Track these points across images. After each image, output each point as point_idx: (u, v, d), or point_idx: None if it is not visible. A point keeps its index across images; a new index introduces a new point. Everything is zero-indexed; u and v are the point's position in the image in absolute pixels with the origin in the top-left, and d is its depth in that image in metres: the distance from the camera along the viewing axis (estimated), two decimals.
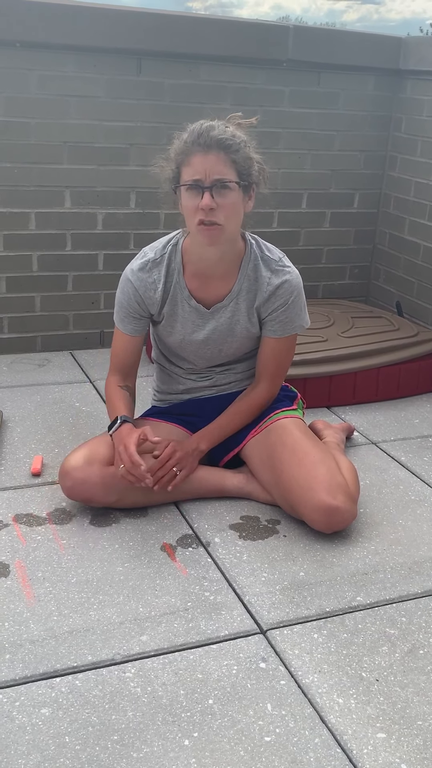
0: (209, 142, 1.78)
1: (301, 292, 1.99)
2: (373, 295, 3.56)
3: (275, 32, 3.00)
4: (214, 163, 1.78)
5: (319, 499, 1.86)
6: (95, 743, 1.32)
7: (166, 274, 1.96)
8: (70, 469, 1.91)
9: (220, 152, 1.78)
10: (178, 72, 2.91)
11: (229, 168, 1.79)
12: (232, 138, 1.79)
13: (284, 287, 1.95)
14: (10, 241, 2.89)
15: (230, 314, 1.98)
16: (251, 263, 1.96)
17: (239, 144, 1.80)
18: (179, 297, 1.98)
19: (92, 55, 2.78)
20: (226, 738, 1.35)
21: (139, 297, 1.97)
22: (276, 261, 1.97)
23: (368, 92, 3.26)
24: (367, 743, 1.36)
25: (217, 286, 1.97)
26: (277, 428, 2.02)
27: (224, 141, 1.78)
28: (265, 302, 1.96)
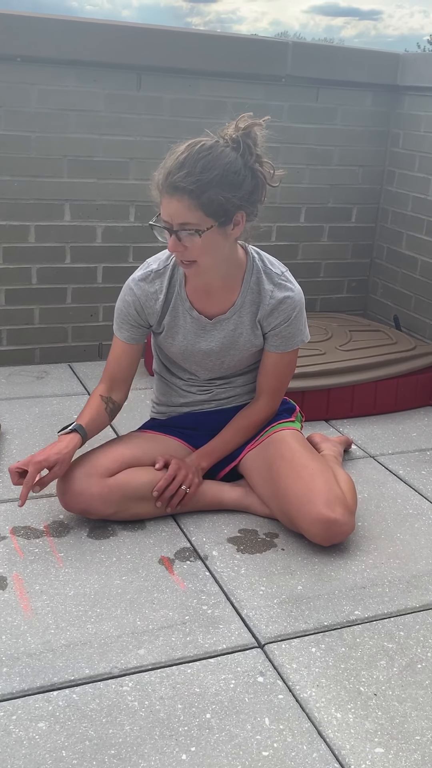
0: (173, 186, 1.72)
1: (302, 308, 1.99)
2: (370, 308, 3.57)
3: (274, 48, 3.02)
4: (177, 208, 1.73)
5: (318, 512, 1.86)
6: (92, 757, 1.32)
7: (168, 285, 1.96)
8: (68, 482, 1.91)
9: (183, 196, 1.72)
10: (177, 87, 2.93)
11: (194, 212, 1.73)
12: (198, 180, 1.70)
13: (287, 302, 1.95)
14: (10, 253, 2.90)
15: (233, 327, 1.98)
16: (254, 276, 1.95)
17: (207, 184, 1.71)
18: (180, 308, 1.98)
19: (92, 70, 2.80)
20: (224, 752, 1.34)
21: (140, 306, 1.97)
22: (278, 275, 1.97)
23: (366, 108, 3.28)
24: (365, 758, 1.35)
25: (219, 299, 1.97)
26: (275, 441, 2.02)
27: (186, 187, 1.71)
28: (268, 316, 1.96)
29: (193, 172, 1.71)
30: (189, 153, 1.73)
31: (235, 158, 1.75)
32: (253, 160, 1.77)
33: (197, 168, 1.71)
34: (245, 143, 1.76)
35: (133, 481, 1.94)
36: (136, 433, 2.15)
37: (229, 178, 1.73)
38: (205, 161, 1.72)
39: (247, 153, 1.76)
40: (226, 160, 1.74)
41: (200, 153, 1.73)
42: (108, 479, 1.92)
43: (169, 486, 1.95)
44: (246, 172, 1.76)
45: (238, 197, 1.76)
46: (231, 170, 1.74)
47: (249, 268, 1.96)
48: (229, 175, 1.73)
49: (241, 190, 1.76)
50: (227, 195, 1.73)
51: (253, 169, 1.78)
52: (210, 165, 1.72)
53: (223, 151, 1.75)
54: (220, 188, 1.72)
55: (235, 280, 1.95)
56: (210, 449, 2.05)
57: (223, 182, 1.73)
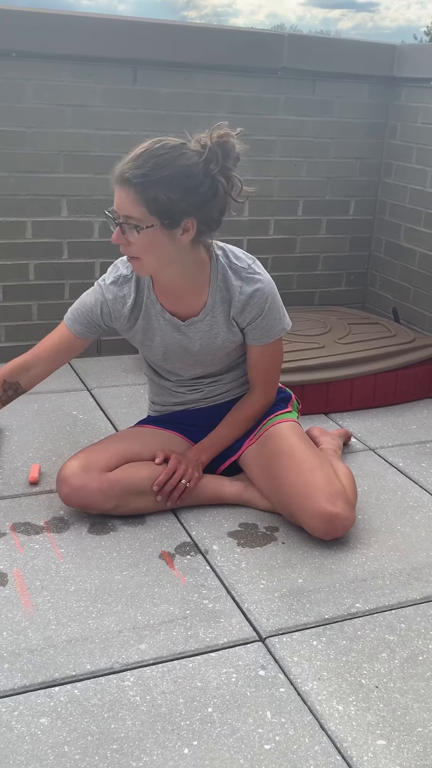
0: (122, 177, 1.69)
1: (275, 296, 1.94)
2: (369, 301, 3.57)
3: (270, 41, 3.01)
4: (123, 200, 1.70)
5: (319, 506, 1.86)
6: (94, 752, 1.32)
7: (137, 290, 1.93)
8: (67, 476, 1.91)
9: (129, 189, 1.68)
10: (173, 81, 2.92)
11: (137, 207, 1.69)
12: (147, 175, 1.66)
13: (257, 296, 1.90)
14: (7, 249, 2.89)
15: (208, 327, 1.95)
16: (220, 275, 1.90)
17: (155, 181, 1.67)
18: (152, 312, 1.94)
19: (88, 65, 2.79)
20: (226, 746, 1.35)
21: (107, 309, 1.94)
22: (245, 269, 1.91)
23: (363, 100, 3.27)
24: (367, 750, 1.35)
25: (189, 301, 1.93)
26: (273, 436, 2.02)
27: (132, 180, 1.67)
28: (241, 312, 1.92)
29: (144, 166, 1.68)
30: (148, 148, 1.70)
31: (195, 163, 1.69)
32: (216, 170, 1.70)
33: (149, 164, 1.68)
34: (213, 150, 1.70)
35: (133, 476, 1.94)
36: (135, 428, 2.15)
37: (181, 181, 1.69)
38: (161, 159, 1.68)
39: (212, 161, 1.70)
40: (184, 162, 1.69)
41: (159, 150, 1.69)
42: (108, 474, 1.92)
43: (170, 480, 1.95)
44: (204, 179, 1.70)
45: (188, 202, 1.70)
46: (186, 173, 1.69)
47: (214, 268, 1.90)
48: (182, 178, 1.69)
49: (193, 197, 1.71)
50: (173, 197, 1.69)
51: (214, 179, 1.71)
52: (164, 163, 1.68)
53: (185, 153, 1.70)
54: (167, 189, 1.68)
55: (202, 281, 1.90)
56: (208, 443, 2.05)
57: (172, 183, 1.68)
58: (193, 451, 2.03)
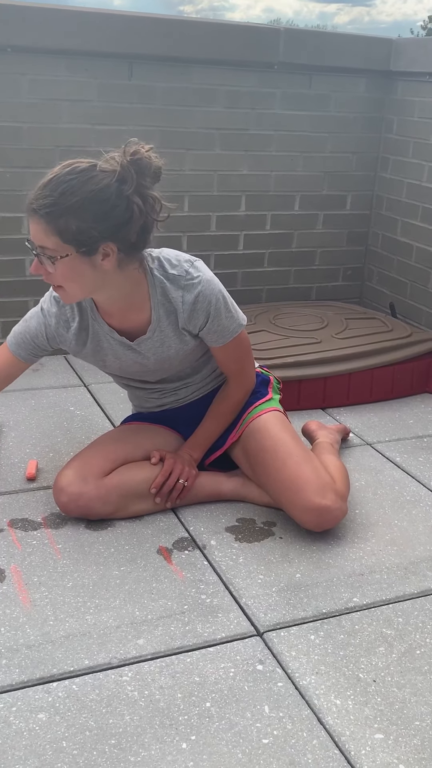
0: (31, 208, 1.62)
1: (218, 296, 1.82)
2: (366, 296, 3.57)
3: (266, 35, 3.00)
4: (36, 230, 1.63)
5: (308, 499, 1.86)
6: (93, 748, 1.32)
7: (80, 312, 1.87)
8: (64, 486, 1.90)
9: (40, 220, 1.61)
10: (169, 75, 2.91)
11: (50, 237, 1.61)
12: (54, 204, 1.58)
13: (200, 300, 1.80)
14: (3, 245, 2.88)
15: (159, 343, 1.87)
16: (158, 288, 1.80)
17: (64, 210, 1.58)
18: (101, 333, 1.88)
19: (84, 59, 2.78)
20: (224, 740, 1.35)
21: (52, 332, 1.88)
22: (183, 276, 1.80)
23: (360, 94, 3.27)
24: (365, 744, 1.36)
25: (134, 319, 1.84)
26: (255, 432, 1.99)
27: (40, 210, 1.60)
28: (189, 320, 1.83)
29: (52, 195, 1.59)
30: (57, 175, 1.62)
31: (107, 186, 1.60)
32: (130, 190, 1.60)
33: (57, 192, 1.59)
34: (126, 170, 1.61)
35: (130, 480, 1.94)
36: (124, 427, 2.14)
37: (92, 207, 1.60)
38: (68, 185, 1.59)
39: (125, 181, 1.61)
40: (95, 186, 1.60)
41: (68, 176, 1.61)
42: (104, 480, 1.91)
43: (167, 481, 1.95)
44: (118, 201, 1.61)
45: (100, 228, 1.61)
46: (97, 198, 1.60)
47: (151, 283, 1.80)
48: (93, 203, 1.60)
49: (107, 221, 1.61)
50: (84, 225, 1.60)
51: (129, 200, 1.61)
52: (72, 189, 1.59)
53: (95, 176, 1.61)
54: (77, 216, 1.59)
55: (142, 298, 1.81)
56: (197, 440, 2.03)
57: (82, 210, 1.59)
58: (185, 450, 2.03)
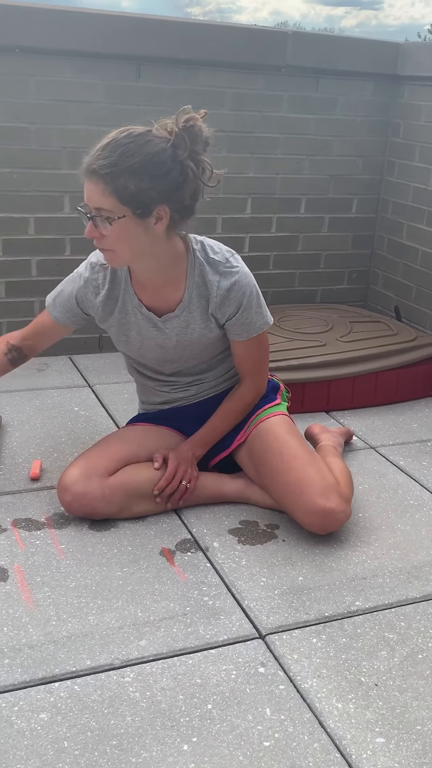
0: (90, 169, 1.68)
1: (253, 290, 1.90)
2: (371, 299, 3.57)
3: (274, 38, 3.01)
4: (93, 192, 1.69)
5: (313, 502, 1.86)
6: (94, 748, 1.32)
7: (112, 281, 1.92)
8: (68, 484, 1.90)
9: (98, 181, 1.67)
10: (177, 77, 2.92)
11: (107, 198, 1.67)
12: (114, 165, 1.65)
13: (234, 290, 1.87)
14: (10, 245, 2.89)
15: (184, 324, 1.92)
16: (197, 269, 1.87)
17: (123, 171, 1.65)
18: (129, 306, 1.93)
19: (91, 61, 2.79)
20: (225, 743, 1.35)
21: (81, 294, 1.95)
22: (222, 263, 1.87)
23: (366, 98, 3.27)
24: (366, 748, 1.35)
25: (166, 296, 1.91)
26: (261, 434, 2.00)
27: (99, 171, 1.66)
28: (219, 307, 1.90)
29: (112, 156, 1.66)
30: (115, 137, 1.69)
31: (162, 149, 1.68)
32: (184, 155, 1.68)
33: (116, 153, 1.66)
34: (179, 136, 1.68)
35: (134, 480, 1.94)
36: (128, 428, 2.14)
37: (150, 169, 1.67)
38: (127, 148, 1.66)
39: (180, 146, 1.68)
40: (151, 150, 1.67)
41: (125, 139, 1.68)
42: (109, 479, 1.91)
43: (170, 484, 1.95)
44: (173, 165, 1.68)
45: (158, 190, 1.68)
46: (154, 161, 1.67)
47: (191, 262, 1.87)
48: (150, 165, 1.67)
49: (163, 183, 1.68)
50: (143, 185, 1.67)
51: (183, 164, 1.69)
52: (131, 152, 1.66)
53: (152, 140, 1.68)
54: (136, 177, 1.66)
55: (179, 275, 1.88)
56: (201, 438, 2.03)
57: (141, 171, 1.66)
58: (187, 446, 2.02)
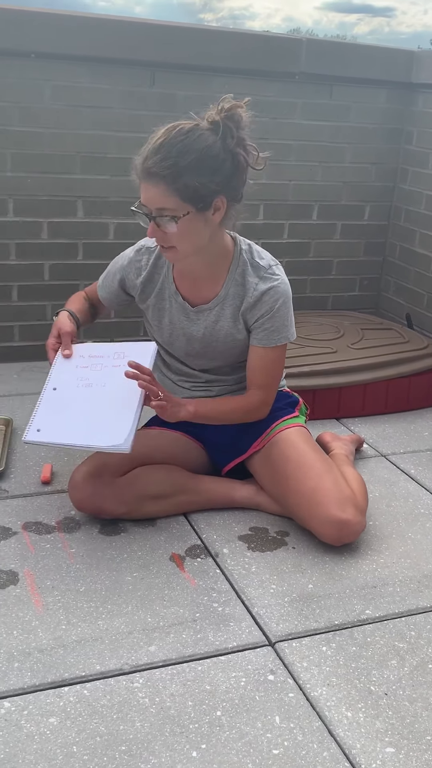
0: (148, 171, 1.71)
1: (287, 301, 1.92)
2: (383, 307, 3.56)
3: (288, 45, 3.01)
4: (154, 194, 1.72)
5: (329, 513, 1.86)
6: (103, 753, 1.32)
7: (155, 265, 1.97)
8: (79, 482, 1.91)
9: (159, 183, 1.70)
10: (190, 84, 2.93)
11: (169, 198, 1.71)
12: (173, 165, 1.68)
13: (270, 293, 1.90)
14: (23, 250, 2.90)
15: (215, 318, 1.95)
16: (239, 268, 1.92)
17: (183, 169, 1.68)
18: (167, 292, 1.98)
19: (106, 67, 2.80)
20: (234, 750, 1.35)
21: (123, 274, 2.02)
22: (266, 268, 1.92)
23: (380, 105, 3.27)
24: (376, 758, 1.35)
25: (205, 288, 1.95)
26: (279, 442, 2.00)
27: (160, 173, 1.69)
28: (251, 308, 1.91)
29: (168, 156, 1.68)
30: (166, 137, 1.71)
31: (213, 141, 1.71)
32: (234, 143, 1.73)
33: (173, 153, 1.68)
34: (226, 125, 1.72)
35: (145, 480, 1.94)
36: (143, 431, 2.14)
37: (207, 163, 1.70)
38: (182, 145, 1.69)
39: (228, 136, 1.72)
40: (204, 144, 1.70)
41: (177, 137, 1.70)
42: (119, 479, 1.92)
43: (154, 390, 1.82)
44: (225, 155, 1.72)
45: (216, 182, 1.72)
46: (208, 154, 1.70)
47: (235, 259, 1.92)
48: (207, 159, 1.70)
49: (220, 175, 1.73)
50: (204, 180, 1.70)
51: (234, 153, 1.74)
52: (186, 149, 1.69)
53: (202, 134, 1.71)
54: (196, 173, 1.69)
55: (221, 269, 1.93)
56: (201, 402, 1.96)
57: (199, 167, 1.69)
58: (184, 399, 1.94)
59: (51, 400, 1.89)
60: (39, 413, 1.86)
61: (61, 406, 1.87)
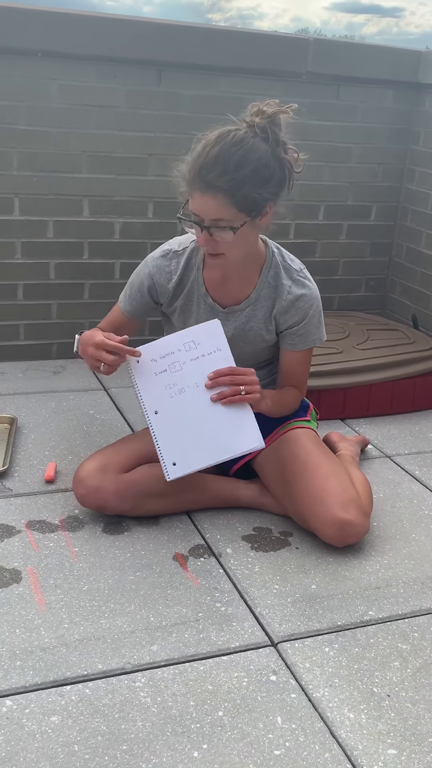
0: (208, 183, 1.70)
1: (319, 306, 1.98)
2: (388, 307, 3.55)
3: (295, 45, 3.01)
4: (212, 205, 1.72)
5: (332, 513, 1.86)
6: (104, 753, 1.32)
7: (185, 268, 1.96)
8: (83, 477, 1.92)
9: (217, 194, 1.70)
10: (197, 83, 2.93)
11: (228, 209, 1.72)
12: (233, 178, 1.68)
13: (304, 300, 1.94)
14: (28, 248, 2.90)
15: (245, 319, 1.97)
16: (272, 270, 1.94)
17: (241, 182, 1.69)
18: (195, 294, 1.97)
19: (113, 66, 2.80)
20: (236, 750, 1.34)
21: (152, 283, 1.98)
22: (297, 271, 1.95)
23: (387, 105, 3.26)
24: (378, 759, 1.34)
25: (235, 289, 1.96)
26: (288, 440, 2.01)
27: (222, 186, 1.69)
28: (284, 313, 1.94)
29: (228, 170, 1.68)
30: (221, 147, 1.70)
31: (265, 151, 1.72)
32: (280, 150, 1.75)
33: (231, 165, 1.69)
34: (273, 132, 1.73)
35: (149, 478, 1.94)
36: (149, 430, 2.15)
37: (261, 173, 1.71)
38: (238, 157, 1.69)
39: (276, 143, 1.74)
40: (258, 154, 1.71)
41: (233, 148, 1.70)
42: (124, 475, 1.92)
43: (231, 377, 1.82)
44: (275, 163, 1.74)
45: (270, 191, 1.74)
46: (262, 164, 1.71)
47: (268, 262, 1.94)
48: (261, 169, 1.71)
49: (272, 183, 1.75)
50: (260, 190, 1.72)
51: (281, 159, 1.76)
52: (243, 161, 1.69)
53: (254, 143, 1.72)
54: (253, 184, 1.71)
55: (253, 271, 1.94)
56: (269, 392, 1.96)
57: (255, 178, 1.71)
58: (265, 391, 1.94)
59: (163, 429, 1.83)
60: (163, 448, 1.83)
61: (176, 431, 1.83)
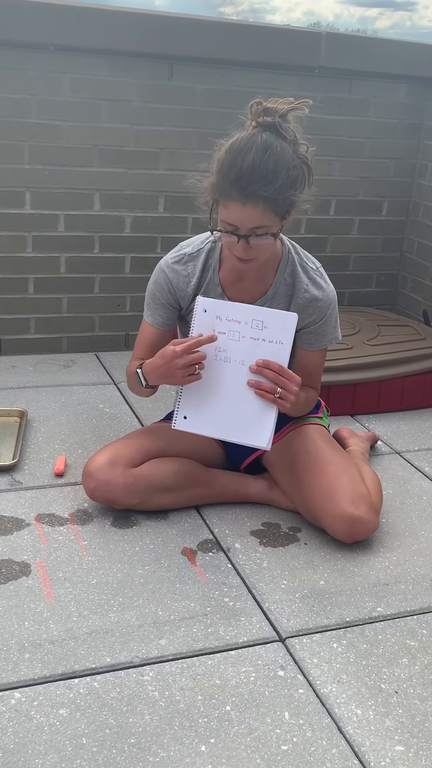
0: (249, 194, 1.67)
1: (335, 305, 1.96)
2: (399, 303, 3.54)
3: (308, 38, 2.99)
4: (253, 214, 1.69)
5: (341, 509, 1.85)
6: (112, 746, 1.32)
7: (202, 269, 1.95)
8: (93, 471, 1.92)
9: (258, 203, 1.68)
10: (209, 77, 2.92)
11: (268, 216, 1.71)
12: (273, 186, 1.67)
13: (322, 299, 1.92)
14: (39, 242, 2.91)
15: None
16: (288, 268, 1.93)
17: (280, 188, 1.68)
18: (211, 294, 1.96)
19: (125, 59, 2.80)
20: (243, 745, 1.35)
21: (172, 288, 1.95)
22: (314, 269, 1.94)
23: (400, 100, 3.25)
24: (385, 755, 1.34)
25: (251, 287, 1.95)
26: (299, 435, 2.01)
27: (265, 195, 1.67)
28: (301, 311, 1.92)
29: (267, 178, 1.67)
30: (254, 156, 1.67)
31: (290, 153, 1.71)
32: (298, 147, 1.73)
33: (270, 174, 1.67)
34: (292, 132, 1.72)
35: (159, 472, 1.95)
36: (160, 425, 2.15)
37: (291, 175, 1.71)
38: (273, 163, 1.68)
39: (295, 142, 1.73)
40: (286, 157, 1.70)
41: (264, 155, 1.68)
42: (133, 469, 1.93)
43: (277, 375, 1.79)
44: (299, 164, 1.73)
45: (297, 193, 1.74)
46: (291, 166, 1.71)
47: (284, 259, 1.93)
48: (291, 171, 1.71)
49: (299, 183, 1.74)
50: (293, 192, 1.72)
51: (301, 157, 1.74)
52: (277, 167, 1.68)
53: (280, 146, 1.70)
54: (288, 188, 1.70)
55: (269, 269, 1.93)
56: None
57: (288, 181, 1.70)
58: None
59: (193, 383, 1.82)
60: (184, 398, 1.85)
61: (202, 392, 1.83)
